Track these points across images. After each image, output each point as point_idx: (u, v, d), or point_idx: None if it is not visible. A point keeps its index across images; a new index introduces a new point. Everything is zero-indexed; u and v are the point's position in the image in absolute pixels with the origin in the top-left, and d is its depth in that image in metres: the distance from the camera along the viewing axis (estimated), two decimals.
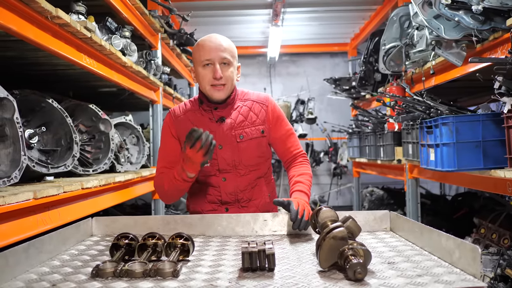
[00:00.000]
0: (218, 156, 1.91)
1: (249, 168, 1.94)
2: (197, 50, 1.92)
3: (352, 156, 6.01)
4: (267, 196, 2.01)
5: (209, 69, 1.87)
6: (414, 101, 2.98)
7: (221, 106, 1.95)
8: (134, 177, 3.09)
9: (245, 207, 1.94)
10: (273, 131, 1.99)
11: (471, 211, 4.11)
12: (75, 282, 1.12)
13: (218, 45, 1.88)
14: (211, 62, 1.87)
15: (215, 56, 1.86)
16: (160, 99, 4.01)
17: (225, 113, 1.95)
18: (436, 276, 1.08)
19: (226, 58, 1.87)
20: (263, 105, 2.00)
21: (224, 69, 1.87)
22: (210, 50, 1.87)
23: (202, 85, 1.91)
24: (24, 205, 1.71)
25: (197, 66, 1.91)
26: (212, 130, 1.90)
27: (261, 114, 1.98)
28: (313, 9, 5.82)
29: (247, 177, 1.94)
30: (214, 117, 1.95)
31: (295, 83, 7.82)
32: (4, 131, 1.77)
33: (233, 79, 1.93)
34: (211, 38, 1.92)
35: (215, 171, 1.93)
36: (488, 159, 2.46)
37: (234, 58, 1.92)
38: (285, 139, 2.01)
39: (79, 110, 2.76)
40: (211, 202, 1.95)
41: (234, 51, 1.94)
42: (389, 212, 1.66)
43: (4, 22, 1.70)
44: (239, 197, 1.93)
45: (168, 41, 4.32)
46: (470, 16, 2.38)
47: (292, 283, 1.08)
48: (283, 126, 2.02)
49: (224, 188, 1.93)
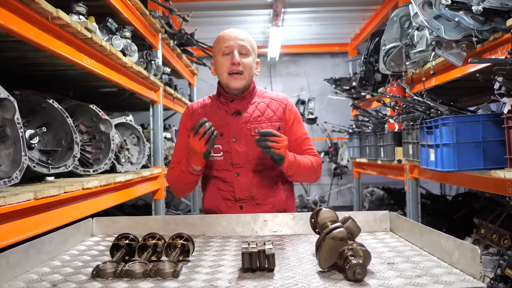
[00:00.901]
0: (231, 149, 1.90)
1: (263, 165, 1.92)
2: (216, 41, 1.96)
3: (353, 156, 6.01)
4: (284, 194, 1.97)
5: (228, 57, 1.91)
6: (414, 102, 2.98)
7: (238, 99, 1.95)
8: (135, 178, 3.09)
9: (260, 204, 1.91)
10: (289, 133, 1.97)
11: (471, 212, 4.11)
12: (75, 283, 1.12)
13: (237, 35, 1.93)
14: (229, 51, 1.90)
15: (233, 44, 1.90)
16: (160, 100, 4.01)
17: (242, 106, 1.95)
18: (435, 276, 1.08)
19: (244, 47, 1.91)
20: (281, 103, 2.00)
21: (242, 58, 1.90)
22: (229, 39, 1.92)
23: (220, 74, 1.94)
24: (24, 206, 1.71)
25: (216, 56, 1.95)
26: (227, 122, 1.92)
27: (279, 111, 1.98)
28: (314, 9, 5.82)
29: (262, 173, 1.92)
30: (230, 110, 1.95)
31: (295, 83, 7.82)
32: (5, 131, 1.78)
33: (251, 70, 1.94)
34: (230, 29, 1.98)
35: (229, 165, 1.91)
36: (488, 159, 2.46)
37: (253, 50, 1.95)
38: (300, 142, 2.00)
39: (79, 111, 2.76)
40: (225, 199, 1.93)
41: (253, 44, 1.97)
42: (389, 213, 1.66)
43: (5, 23, 1.71)
44: (253, 193, 1.91)
45: (168, 42, 4.32)
46: (470, 17, 2.38)
47: (292, 283, 1.08)
48: (299, 128, 2.02)
49: (238, 184, 1.90)
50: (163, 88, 4.07)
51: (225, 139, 1.92)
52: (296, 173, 1.90)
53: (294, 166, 1.87)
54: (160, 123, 3.97)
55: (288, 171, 1.88)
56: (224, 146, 1.92)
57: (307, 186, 7.75)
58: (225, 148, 1.92)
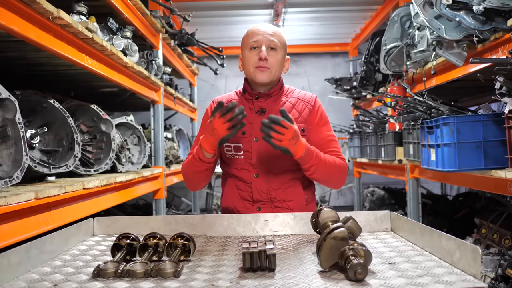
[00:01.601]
0: (252, 149, 1.84)
1: (284, 167, 1.84)
2: (246, 35, 1.90)
3: (353, 156, 6.01)
4: (304, 198, 1.88)
5: (255, 51, 1.84)
6: (415, 101, 2.98)
7: (263, 96, 1.88)
8: (135, 177, 3.09)
9: (278, 207, 1.84)
10: (313, 133, 1.88)
11: (472, 211, 4.11)
12: (76, 282, 1.12)
13: (267, 29, 1.86)
14: (257, 45, 1.84)
15: (262, 39, 1.83)
16: (161, 99, 4.01)
17: (267, 105, 1.88)
18: (436, 276, 1.08)
19: (273, 42, 1.84)
20: (308, 104, 1.92)
21: (270, 53, 1.84)
22: (258, 33, 1.85)
23: (246, 68, 1.87)
24: (26, 205, 1.72)
25: (244, 51, 1.88)
26: (251, 121, 1.85)
27: (305, 112, 1.89)
28: (314, 9, 5.82)
29: (282, 176, 1.84)
30: (254, 107, 1.88)
31: (296, 83, 7.80)
32: (6, 131, 1.78)
33: (279, 67, 1.87)
34: (261, 24, 1.92)
35: (248, 165, 1.85)
36: (489, 159, 2.46)
37: (282, 46, 1.87)
38: (323, 143, 1.86)
39: (80, 111, 2.76)
40: (243, 199, 1.87)
41: (283, 40, 1.89)
42: (389, 213, 1.66)
43: (6, 23, 1.71)
44: (271, 196, 1.84)
45: (169, 42, 4.32)
46: (471, 17, 2.38)
47: (292, 283, 1.08)
48: (325, 129, 1.90)
49: (256, 185, 1.84)
50: (163, 88, 4.07)
51: (247, 138, 1.85)
52: (318, 169, 1.75)
53: (313, 159, 1.72)
54: (161, 123, 3.98)
55: (304, 164, 1.73)
56: (245, 145, 1.85)
57: None
58: (246, 147, 1.85)
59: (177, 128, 5.33)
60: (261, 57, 1.81)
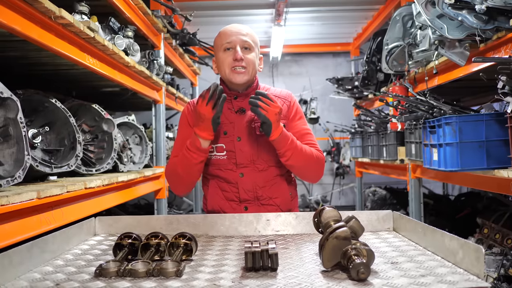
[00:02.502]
0: (236, 149, 1.85)
1: (268, 163, 1.86)
2: (218, 36, 1.90)
3: (355, 156, 6.00)
4: (289, 194, 1.92)
5: (230, 53, 1.85)
6: (417, 101, 2.97)
7: (241, 96, 1.90)
8: (137, 177, 3.09)
9: (265, 205, 1.86)
10: (290, 127, 1.91)
11: (474, 211, 4.10)
12: (78, 282, 1.12)
13: (239, 30, 1.87)
14: (231, 46, 1.84)
15: (235, 39, 1.84)
16: (162, 99, 4.01)
17: (246, 104, 1.88)
18: (439, 276, 1.08)
19: (247, 42, 1.85)
20: (286, 101, 1.95)
21: (245, 53, 1.85)
22: (231, 34, 1.85)
23: (222, 70, 1.88)
24: (27, 205, 1.72)
25: (217, 52, 1.89)
26: (231, 121, 1.87)
27: (283, 109, 1.91)
28: (316, 9, 5.81)
29: (266, 172, 1.87)
30: (233, 107, 1.89)
31: (297, 83, 7.81)
32: (8, 131, 1.78)
33: (254, 65, 1.88)
34: (232, 25, 1.92)
35: (232, 165, 1.86)
36: (491, 159, 2.45)
37: (255, 45, 1.89)
38: (299, 136, 1.89)
39: (82, 110, 2.77)
40: (229, 199, 1.87)
41: (256, 39, 1.91)
42: (392, 212, 1.65)
43: (8, 22, 1.71)
44: (258, 194, 1.86)
45: (171, 41, 4.32)
46: (473, 16, 2.38)
47: (295, 283, 1.08)
48: (301, 123, 1.95)
49: (242, 185, 1.85)
50: (165, 87, 4.07)
51: (229, 137, 1.86)
52: (293, 155, 1.79)
53: (287, 144, 1.77)
54: (163, 123, 3.98)
55: (280, 148, 1.77)
56: (227, 145, 1.86)
57: (309, 186, 7.74)
58: (228, 147, 1.86)
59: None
60: (236, 58, 1.82)
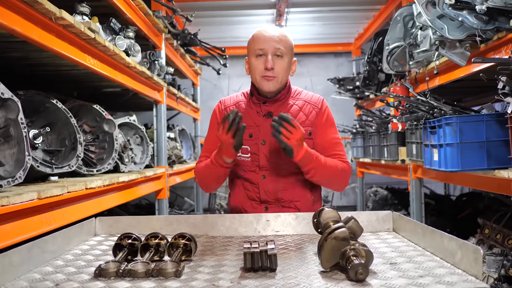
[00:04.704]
0: (259, 152, 1.87)
1: (291, 168, 1.85)
2: (251, 40, 1.89)
3: (356, 156, 6.00)
4: (311, 198, 1.92)
5: (261, 59, 1.84)
6: (418, 101, 2.97)
7: (270, 101, 1.90)
8: (138, 177, 3.10)
9: (286, 207, 1.87)
10: (319, 135, 1.90)
11: (475, 212, 4.09)
12: (78, 282, 1.12)
13: (272, 36, 1.85)
14: (264, 53, 1.83)
15: (268, 47, 1.83)
16: (164, 99, 4.02)
17: (274, 108, 1.90)
18: (438, 277, 1.08)
19: (279, 49, 1.83)
20: (315, 107, 1.94)
21: (276, 61, 1.83)
22: (264, 40, 1.84)
23: (253, 75, 1.88)
24: (28, 205, 1.72)
25: (250, 57, 1.88)
26: (258, 124, 1.88)
27: (311, 115, 1.91)
28: (317, 9, 5.81)
29: (288, 176, 1.87)
30: (262, 111, 1.90)
31: (299, 83, 7.70)
32: (9, 131, 1.79)
33: (285, 73, 1.87)
34: (266, 28, 1.89)
35: (255, 167, 1.88)
36: (492, 159, 2.45)
37: (288, 51, 1.86)
38: (328, 146, 1.89)
39: (83, 111, 2.77)
40: (251, 199, 1.90)
41: (290, 43, 1.88)
42: (391, 213, 1.66)
43: (9, 24, 1.72)
44: (279, 196, 1.87)
45: (172, 42, 4.32)
46: (474, 16, 2.37)
47: (293, 283, 1.08)
48: (330, 132, 1.92)
49: (263, 186, 1.87)
50: (166, 88, 4.08)
51: (254, 140, 1.88)
52: (317, 172, 1.80)
53: (312, 162, 1.76)
54: (164, 123, 3.98)
55: (304, 166, 1.78)
56: (252, 148, 1.88)
57: None
58: (253, 150, 1.88)
59: (180, 128, 5.33)
60: (267, 67, 1.82)
